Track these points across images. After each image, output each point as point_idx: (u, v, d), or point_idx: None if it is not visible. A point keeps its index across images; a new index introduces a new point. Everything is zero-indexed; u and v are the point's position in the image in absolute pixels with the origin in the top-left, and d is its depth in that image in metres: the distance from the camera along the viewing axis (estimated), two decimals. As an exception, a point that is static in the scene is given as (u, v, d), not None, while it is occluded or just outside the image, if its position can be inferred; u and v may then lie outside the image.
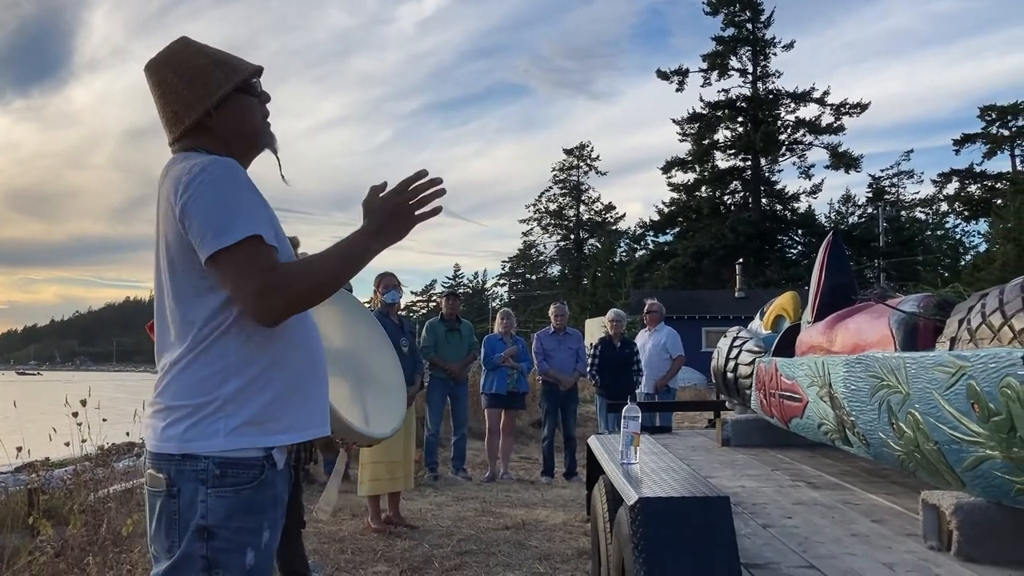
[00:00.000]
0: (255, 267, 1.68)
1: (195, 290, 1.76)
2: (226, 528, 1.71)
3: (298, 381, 1.83)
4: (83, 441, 5.11)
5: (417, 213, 1.79)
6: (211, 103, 1.81)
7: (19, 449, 5.02)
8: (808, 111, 48.63)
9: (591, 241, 67.40)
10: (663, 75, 49.41)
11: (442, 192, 1.80)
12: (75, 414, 4.72)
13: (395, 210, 1.77)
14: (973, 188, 50.80)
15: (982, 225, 47.20)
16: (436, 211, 1.80)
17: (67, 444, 4.95)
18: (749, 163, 48.99)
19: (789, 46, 48.93)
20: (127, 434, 5.87)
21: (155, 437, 1.77)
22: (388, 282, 6.37)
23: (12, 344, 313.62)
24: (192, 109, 1.82)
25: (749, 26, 49.02)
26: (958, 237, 51.94)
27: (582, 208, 68.02)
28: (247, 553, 1.74)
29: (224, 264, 1.68)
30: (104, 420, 5.34)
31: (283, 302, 1.69)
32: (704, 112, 49.17)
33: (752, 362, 4.03)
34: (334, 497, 2.70)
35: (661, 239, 51.99)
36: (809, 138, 48.81)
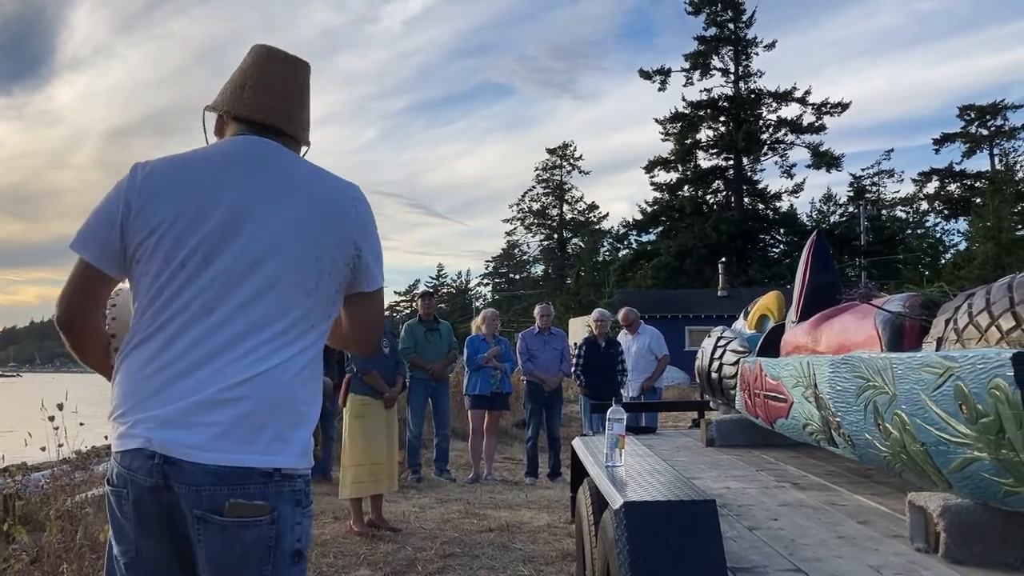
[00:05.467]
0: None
1: (316, 299, 1.73)
2: (306, 548, 1.67)
3: None
4: (59, 446, 5.04)
5: None
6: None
7: (-6, 454, 4.94)
8: (790, 111, 48.94)
9: (574, 240, 67.49)
10: (645, 75, 49.54)
11: None
12: (51, 418, 4.65)
13: None
14: (953, 187, 51.27)
15: (962, 224, 47.70)
16: None
17: (43, 449, 4.87)
18: (731, 162, 49.15)
19: (771, 46, 49.14)
20: (105, 437, 5.79)
21: (244, 453, 1.58)
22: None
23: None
24: (308, 123, 1.95)
25: (731, 26, 49.19)
26: (938, 236, 52.35)
27: (565, 208, 68.10)
28: (307, 570, 1.72)
29: (378, 299, 1.86)
30: (82, 424, 5.26)
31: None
32: (686, 112, 49.28)
33: (736, 362, 4.01)
34: None
35: (644, 238, 52.12)
36: (791, 137, 49.05)
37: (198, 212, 1.68)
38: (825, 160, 48.17)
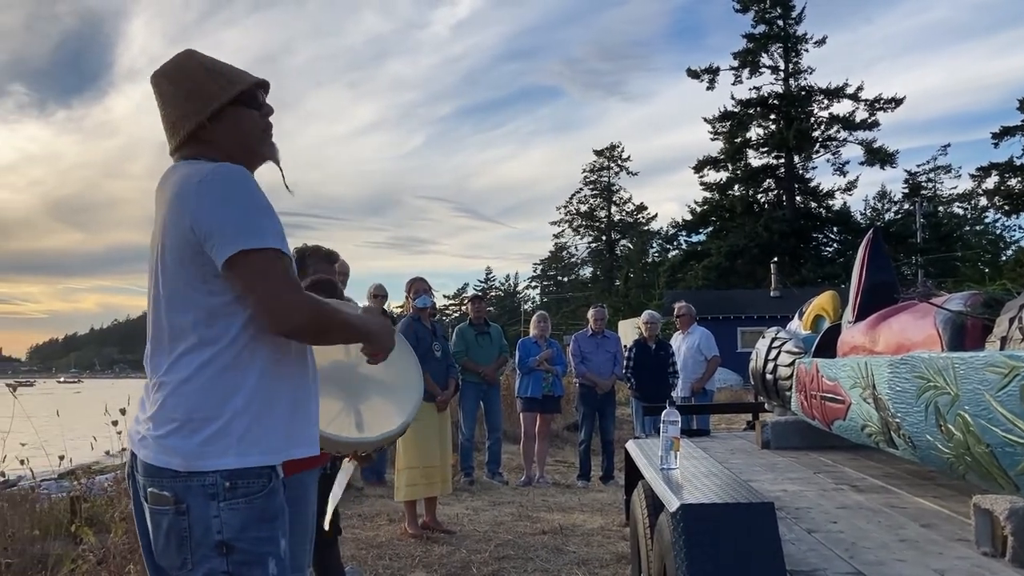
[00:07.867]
0: (287, 278, 1.73)
1: (198, 299, 1.75)
2: (243, 540, 1.70)
3: (299, 394, 1.84)
4: (122, 449, 5.16)
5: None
6: (205, 115, 1.83)
7: (61, 458, 5.08)
8: (842, 107, 48.07)
9: (623, 242, 67.18)
10: (693, 74, 49.11)
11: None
12: (115, 423, 4.76)
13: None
14: (1013, 182, 49.84)
15: (1023, 219, 46.41)
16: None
17: (107, 452, 5.01)
18: (782, 161, 48.47)
19: (821, 42, 48.39)
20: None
21: (155, 452, 1.74)
22: (419, 287, 6.40)
23: (53, 352, 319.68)
24: (188, 119, 1.85)
25: (780, 23, 48.53)
26: (998, 232, 51.04)
27: (613, 209, 67.80)
28: (268, 563, 1.73)
29: (249, 267, 1.70)
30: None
31: (308, 325, 1.76)
32: (736, 110, 48.74)
33: (792, 363, 3.96)
34: (330, 507, 2.65)
35: (694, 239, 51.68)
36: (843, 134, 48.17)
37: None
38: (879, 157, 47.21)
